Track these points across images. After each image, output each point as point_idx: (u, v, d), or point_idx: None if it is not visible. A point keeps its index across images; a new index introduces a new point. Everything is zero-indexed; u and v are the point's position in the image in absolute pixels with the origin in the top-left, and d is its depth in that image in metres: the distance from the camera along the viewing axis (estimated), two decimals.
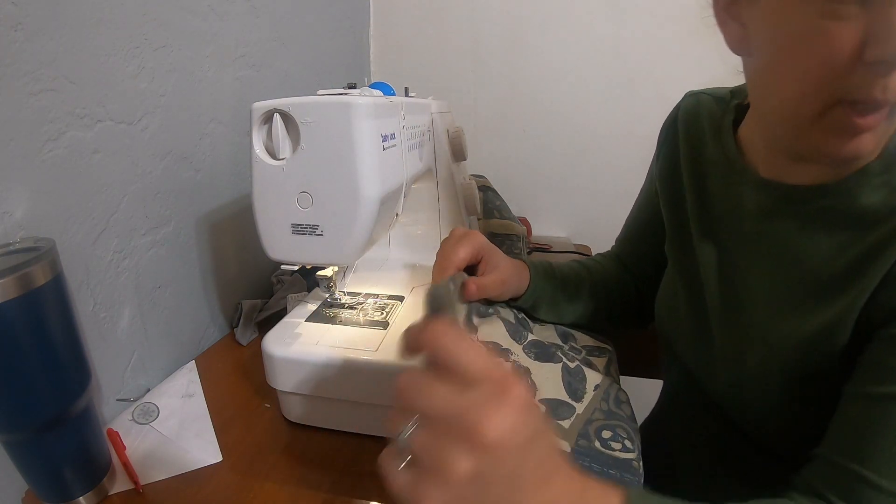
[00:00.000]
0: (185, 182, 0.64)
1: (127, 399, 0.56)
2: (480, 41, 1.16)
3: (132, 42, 0.54)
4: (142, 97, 0.56)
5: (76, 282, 0.50)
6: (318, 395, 0.50)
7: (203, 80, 0.66)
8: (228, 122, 0.71)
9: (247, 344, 0.70)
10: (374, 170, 0.43)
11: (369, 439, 0.51)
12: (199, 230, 0.67)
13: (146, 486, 0.45)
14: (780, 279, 0.43)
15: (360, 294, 0.61)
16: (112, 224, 0.53)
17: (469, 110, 1.21)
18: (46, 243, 0.39)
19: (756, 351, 0.44)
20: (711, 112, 0.51)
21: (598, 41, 1.11)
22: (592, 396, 0.51)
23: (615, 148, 1.18)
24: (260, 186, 0.44)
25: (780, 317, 0.43)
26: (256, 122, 0.43)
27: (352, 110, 0.41)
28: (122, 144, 0.54)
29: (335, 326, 0.54)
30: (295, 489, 0.45)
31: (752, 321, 0.45)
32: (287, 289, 0.76)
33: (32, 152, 0.44)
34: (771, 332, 0.43)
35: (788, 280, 0.43)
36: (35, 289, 0.36)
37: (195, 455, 0.49)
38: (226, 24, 0.69)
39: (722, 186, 0.49)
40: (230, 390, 0.60)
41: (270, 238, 0.45)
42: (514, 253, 0.93)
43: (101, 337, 0.53)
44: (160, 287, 0.61)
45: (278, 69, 0.84)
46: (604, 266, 0.68)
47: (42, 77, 0.44)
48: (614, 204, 1.23)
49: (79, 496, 0.42)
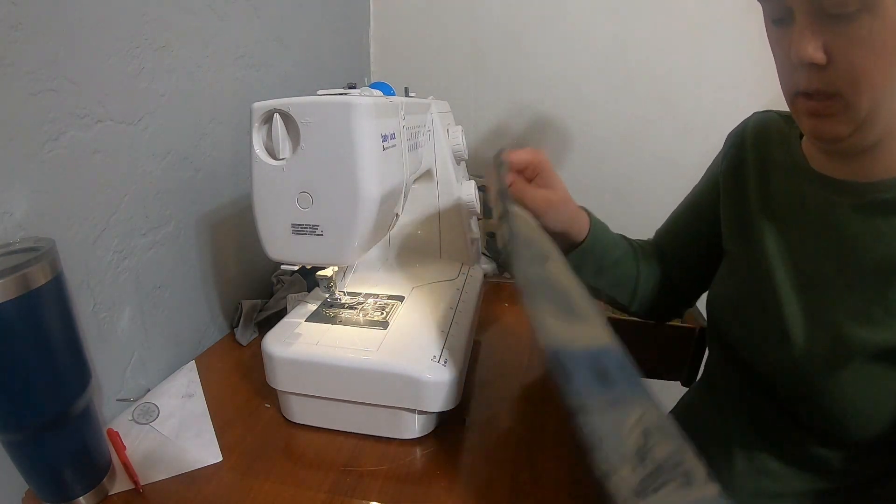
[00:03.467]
0: (185, 182, 0.64)
1: (127, 399, 0.56)
2: (480, 41, 1.16)
3: (132, 42, 0.54)
4: (142, 97, 0.56)
5: (76, 282, 0.50)
6: (318, 395, 0.50)
7: (203, 80, 0.66)
8: (228, 122, 0.71)
9: (247, 344, 0.70)
10: (374, 170, 0.43)
11: (369, 439, 0.51)
12: (199, 230, 0.67)
13: (146, 486, 0.45)
14: (845, 261, 0.46)
15: (360, 294, 0.61)
16: (112, 224, 0.53)
17: (469, 110, 1.21)
18: (46, 243, 0.39)
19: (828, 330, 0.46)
20: (779, 127, 0.56)
21: (598, 41, 1.11)
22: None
23: (615, 148, 1.18)
24: (260, 186, 0.44)
25: (850, 294, 0.45)
26: (256, 122, 0.43)
27: (352, 110, 0.41)
28: (122, 144, 0.54)
29: (335, 326, 0.54)
30: (295, 489, 0.45)
31: (825, 300, 0.47)
32: (287, 289, 0.76)
33: (32, 152, 0.44)
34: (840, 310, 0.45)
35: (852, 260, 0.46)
36: (35, 289, 0.36)
37: (195, 455, 0.49)
38: (226, 24, 0.70)
39: (786, 185, 0.53)
40: (230, 390, 0.60)
41: (270, 238, 0.45)
42: None
43: (101, 337, 0.53)
44: (160, 287, 0.61)
45: (278, 69, 0.84)
46: (646, 249, 0.70)
47: (42, 77, 0.44)
48: (614, 204, 1.24)
49: (79, 496, 0.42)
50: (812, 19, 0.39)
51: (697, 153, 1.15)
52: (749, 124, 0.60)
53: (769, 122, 0.58)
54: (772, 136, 0.57)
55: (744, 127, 0.61)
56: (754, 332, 0.53)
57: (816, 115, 0.43)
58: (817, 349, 0.46)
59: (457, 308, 0.60)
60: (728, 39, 1.06)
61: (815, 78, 0.41)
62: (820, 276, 0.48)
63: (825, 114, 0.42)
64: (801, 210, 0.51)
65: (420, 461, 0.49)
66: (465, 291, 0.65)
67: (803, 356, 0.47)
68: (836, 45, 0.38)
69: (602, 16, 1.09)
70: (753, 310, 0.53)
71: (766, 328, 0.51)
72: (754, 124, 0.59)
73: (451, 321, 0.57)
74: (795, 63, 0.41)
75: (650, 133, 1.16)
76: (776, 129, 0.57)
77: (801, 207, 0.51)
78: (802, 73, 0.41)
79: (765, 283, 0.52)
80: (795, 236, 0.51)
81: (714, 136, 0.68)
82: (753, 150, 0.58)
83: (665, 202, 0.73)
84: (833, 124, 0.42)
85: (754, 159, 0.57)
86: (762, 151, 0.57)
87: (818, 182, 0.50)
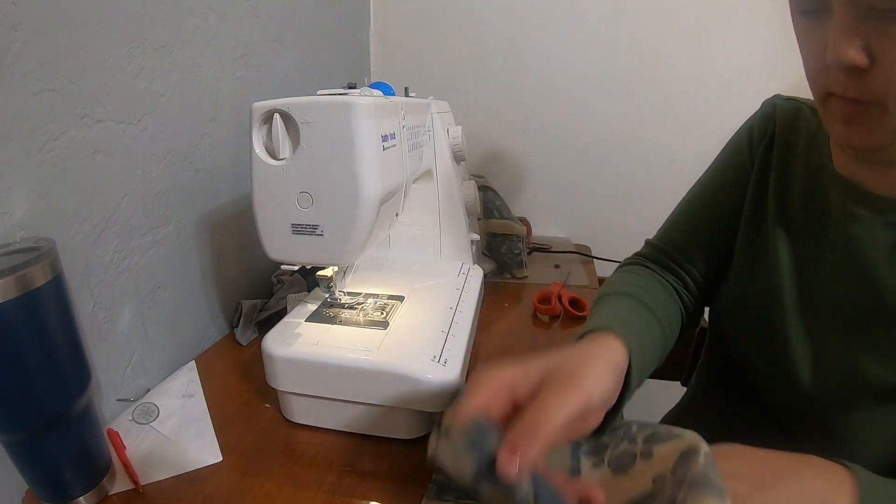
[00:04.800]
0: (185, 182, 0.64)
1: (127, 399, 0.56)
2: (480, 41, 1.16)
3: (132, 42, 0.54)
4: (142, 97, 0.56)
5: (76, 282, 0.50)
6: (318, 395, 0.50)
7: (203, 80, 0.66)
8: (228, 122, 0.71)
9: (247, 344, 0.70)
10: (374, 170, 0.43)
11: (369, 439, 0.51)
12: (199, 230, 0.67)
13: (146, 486, 0.45)
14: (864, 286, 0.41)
15: (360, 294, 0.61)
16: (112, 224, 0.53)
17: (469, 110, 1.21)
18: (46, 243, 0.39)
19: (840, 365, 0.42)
20: (808, 121, 0.50)
21: (598, 41, 1.11)
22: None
23: (615, 148, 1.18)
24: (260, 186, 0.44)
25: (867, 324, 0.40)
26: (256, 122, 0.43)
27: (352, 110, 0.41)
28: (122, 144, 0.54)
29: (335, 326, 0.54)
30: (295, 489, 0.45)
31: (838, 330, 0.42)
32: (287, 289, 0.76)
33: (32, 152, 0.44)
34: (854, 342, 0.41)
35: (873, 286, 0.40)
36: (35, 289, 0.36)
37: (195, 455, 0.49)
38: (226, 24, 0.69)
39: (807, 189, 0.47)
40: (230, 390, 0.60)
41: (270, 238, 0.45)
42: (514, 252, 0.93)
43: (101, 337, 0.53)
44: (160, 287, 0.61)
45: (278, 69, 0.84)
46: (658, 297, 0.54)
47: (42, 77, 0.44)
48: (614, 204, 1.24)
49: (79, 496, 0.42)
50: (853, 14, 0.32)
51: (697, 153, 1.15)
52: (777, 112, 0.53)
53: (796, 112, 0.51)
54: (799, 129, 0.50)
55: (771, 114, 0.53)
56: (759, 357, 0.49)
57: (850, 121, 0.37)
58: (827, 384, 0.42)
59: (457, 308, 0.60)
60: (728, 39, 1.06)
61: (852, 82, 0.34)
62: (834, 302, 0.43)
63: (860, 121, 0.36)
64: (821, 221, 0.45)
65: (420, 461, 0.49)
66: (465, 291, 0.65)
67: (811, 389, 0.43)
68: (880, 46, 0.32)
69: (602, 16, 1.09)
70: (759, 333, 0.49)
71: (772, 354, 0.47)
72: (783, 114, 0.52)
73: (451, 321, 0.57)
74: (831, 64, 0.34)
75: (650, 133, 1.16)
76: (804, 121, 0.50)
77: (822, 218, 0.45)
78: (838, 76, 0.35)
79: (772, 306, 0.47)
80: (811, 251, 0.46)
81: (714, 136, 0.67)
82: (780, 144, 0.51)
83: (665, 202, 0.72)
84: (868, 133, 0.37)
85: (779, 156, 0.51)
86: (787, 148, 0.50)
87: (844, 191, 0.44)
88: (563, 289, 0.85)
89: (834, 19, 0.33)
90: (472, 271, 0.73)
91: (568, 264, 1.04)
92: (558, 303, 0.81)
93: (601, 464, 0.38)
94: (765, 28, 1.01)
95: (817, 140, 0.48)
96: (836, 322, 0.43)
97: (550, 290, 0.84)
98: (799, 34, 0.38)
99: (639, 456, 0.36)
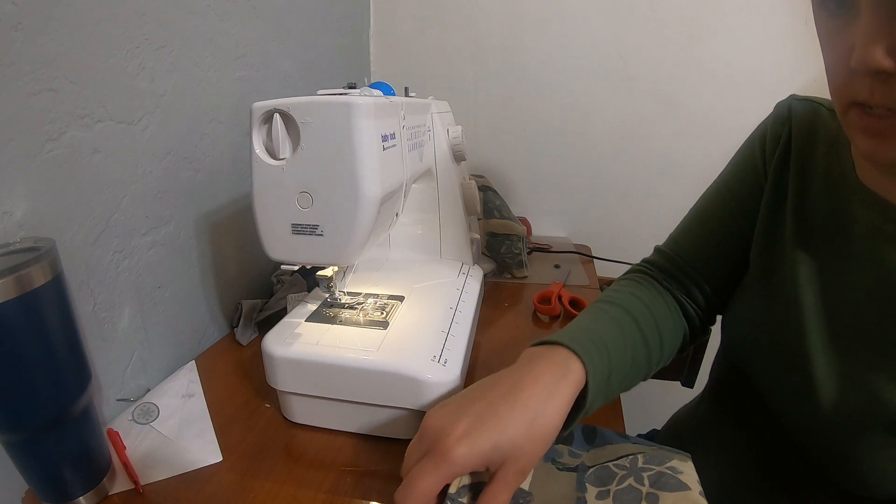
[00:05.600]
0: (185, 182, 0.64)
1: (127, 399, 0.56)
2: (480, 41, 1.16)
3: (132, 42, 0.54)
4: (142, 97, 0.56)
5: (76, 282, 0.50)
6: (318, 395, 0.50)
7: (203, 80, 0.66)
8: (228, 122, 0.71)
9: (247, 344, 0.70)
10: (374, 170, 0.43)
11: (369, 439, 0.51)
12: (199, 230, 0.67)
13: (146, 486, 0.45)
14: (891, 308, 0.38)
15: (360, 294, 0.61)
16: (112, 224, 0.53)
17: (469, 110, 1.21)
18: (46, 243, 0.39)
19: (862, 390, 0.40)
20: (827, 124, 0.47)
21: (598, 41, 1.11)
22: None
23: (615, 148, 1.18)
24: (260, 186, 0.44)
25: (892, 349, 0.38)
26: (256, 122, 0.43)
27: (352, 110, 0.41)
28: (122, 144, 0.54)
29: (335, 326, 0.54)
30: (295, 489, 0.45)
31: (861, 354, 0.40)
32: (287, 289, 0.76)
33: (32, 152, 0.44)
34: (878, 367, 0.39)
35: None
36: (35, 289, 0.36)
37: (195, 455, 0.49)
38: (226, 24, 0.70)
39: (829, 201, 0.44)
40: (230, 390, 0.60)
41: (270, 238, 0.45)
42: (514, 252, 0.93)
43: (101, 337, 0.53)
44: (160, 287, 0.61)
45: (278, 69, 0.84)
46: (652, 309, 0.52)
47: (42, 77, 0.44)
48: (614, 204, 1.24)
49: (79, 496, 0.42)
50: (883, 13, 0.30)
51: (698, 153, 1.16)
52: (793, 115, 0.49)
53: (814, 115, 0.48)
54: (817, 133, 0.46)
55: (786, 117, 0.50)
56: (776, 376, 0.47)
57: (875, 133, 0.34)
58: (847, 409, 0.40)
59: (457, 308, 0.60)
60: (728, 39, 1.06)
61: (880, 90, 0.32)
62: (858, 324, 0.40)
63: (887, 134, 0.33)
64: (845, 236, 0.42)
65: None
66: (465, 291, 0.65)
67: (830, 413, 0.41)
68: None
69: (602, 16, 1.09)
70: (777, 351, 0.46)
71: (790, 375, 0.45)
72: (800, 116, 0.48)
73: (451, 321, 0.57)
74: (856, 68, 0.31)
75: (650, 133, 1.16)
76: (822, 125, 0.47)
77: (845, 233, 0.42)
78: (864, 82, 0.32)
79: (792, 325, 0.44)
80: (833, 267, 0.43)
81: (714, 136, 0.67)
82: (797, 149, 0.48)
83: (665, 202, 0.72)
84: (890, 146, 0.34)
85: (797, 163, 0.47)
86: (805, 154, 0.47)
87: (870, 204, 0.41)
88: (563, 289, 0.85)
89: (861, 19, 0.31)
90: (472, 271, 0.73)
91: (568, 264, 1.04)
92: (558, 303, 0.81)
93: (607, 497, 0.39)
94: (765, 28, 1.01)
95: (838, 146, 0.45)
96: (862, 345, 0.40)
97: (550, 289, 0.84)
98: (822, 35, 0.36)
99: (644, 500, 0.37)
